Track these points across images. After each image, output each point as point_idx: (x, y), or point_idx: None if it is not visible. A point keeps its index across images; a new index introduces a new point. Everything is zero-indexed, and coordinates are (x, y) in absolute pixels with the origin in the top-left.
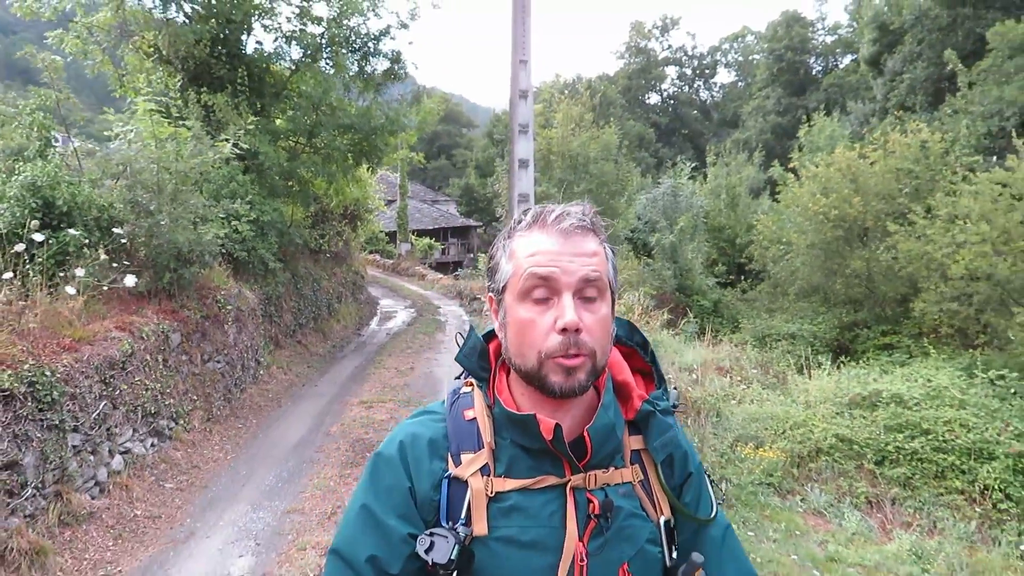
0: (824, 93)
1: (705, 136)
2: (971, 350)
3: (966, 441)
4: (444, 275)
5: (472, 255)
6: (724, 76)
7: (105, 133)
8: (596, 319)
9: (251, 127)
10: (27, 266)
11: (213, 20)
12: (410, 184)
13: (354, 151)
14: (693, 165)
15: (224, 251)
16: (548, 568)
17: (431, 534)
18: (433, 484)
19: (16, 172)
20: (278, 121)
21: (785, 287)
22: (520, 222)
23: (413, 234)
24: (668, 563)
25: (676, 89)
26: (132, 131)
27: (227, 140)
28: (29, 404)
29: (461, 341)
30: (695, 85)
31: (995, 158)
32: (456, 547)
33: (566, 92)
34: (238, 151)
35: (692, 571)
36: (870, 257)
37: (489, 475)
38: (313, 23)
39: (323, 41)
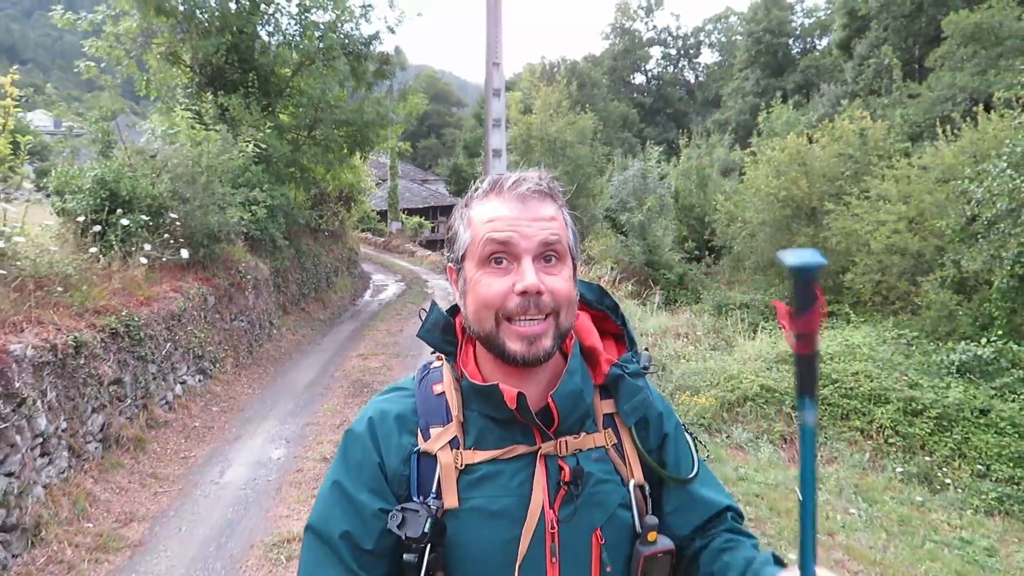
0: (801, 75)
1: (689, 115)
2: (892, 315)
3: (867, 388)
4: (432, 252)
5: None
6: (708, 56)
7: (139, 127)
8: (557, 281)
9: (268, 129)
10: (100, 242)
11: (229, 34)
12: (400, 164)
13: (348, 142)
14: (674, 144)
15: (243, 230)
16: (517, 537)
17: (402, 509)
18: (403, 459)
19: (89, 169)
20: (283, 116)
21: (743, 261)
22: (477, 189)
23: (403, 213)
24: (638, 528)
25: (661, 69)
26: (172, 132)
27: (249, 141)
28: (126, 340)
29: (424, 316)
30: (680, 65)
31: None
32: (428, 521)
33: (545, 79)
34: (257, 149)
35: (646, 533)
36: (814, 234)
37: (458, 448)
38: (311, 30)
39: (320, 46)
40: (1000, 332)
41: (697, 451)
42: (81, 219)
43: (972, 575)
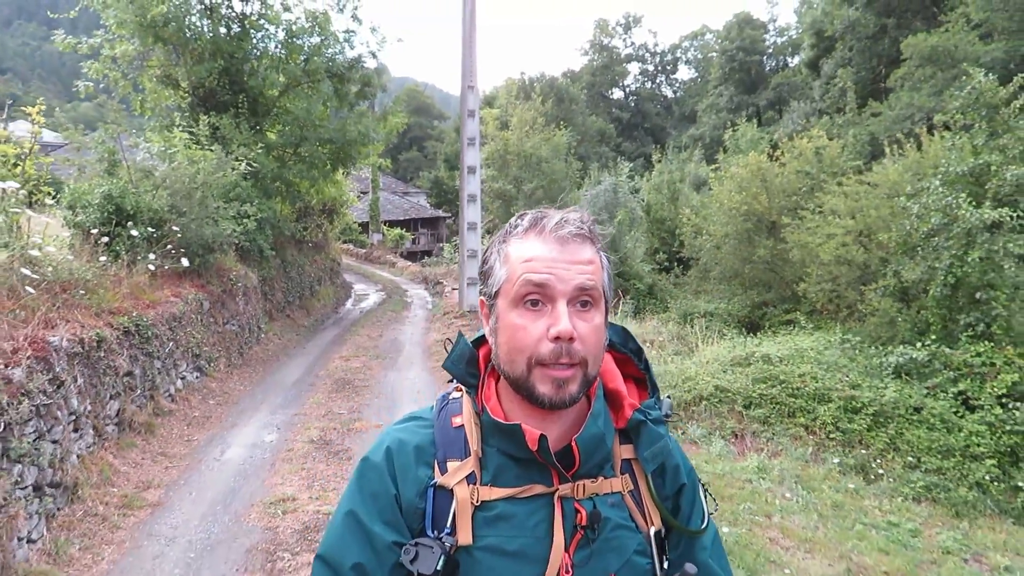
0: (773, 92)
1: (667, 130)
2: (841, 322)
3: (812, 388)
4: (413, 263)
5: (441, 244)
6: (684, 72)
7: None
8: (590, 328)
9: (259, 150)
10: (109, 252)
11: (220, 59)
12: (381, 177)
13: (332, 158)
14: (650, 158)
15: (234, 242)
16: None
17: (416, 544)
18: (419, 492)
19: (97, 185)
20: (270, 134)
21: (709, 272)
22: (516, 226)
23: (385, 225)
24: (658, 574)
25: (639, 85)
26: (170, 152)
27: (242, 160)
28: (136, 338)
29: (450, 346)
30: (657, 81)
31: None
32: (442, 557)
33: (521, 97)
34: (249, 168)
35: None
36: (774, 246)
37: (475, 483)
38: (296, 53)
39: (305, 69)
40: (934, 336)
41: (707, 508)
42: (95, 231)
43: (894, 552)
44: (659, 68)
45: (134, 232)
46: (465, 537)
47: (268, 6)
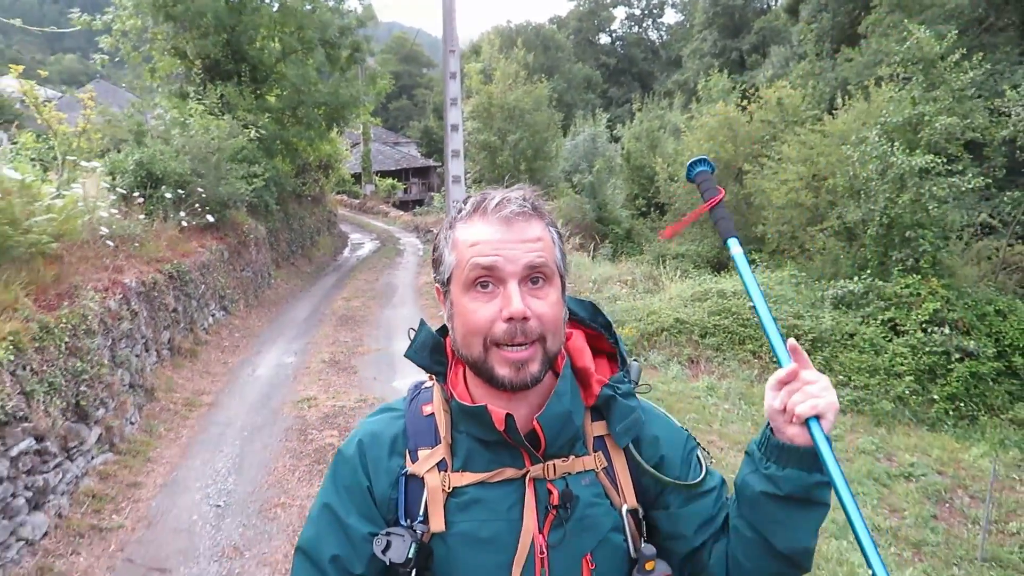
0: (756, 36)
1: (654, 75)
2: (794, 261)
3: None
4: (405, 212)
5: (432, 193)
6: (671, 16)
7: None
8: (545, 304)
9: (264, 117)
10: (141, 211)
11: (224, 32)
12: (372, 128)
13: (326, 119)
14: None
15: (246, 199)
16: (507, 563)
17: (388, 533)
18: (391, 482)
19: (129, 153)
20: (270, 99)
21: (681, 216)
22: (461, 211)
23: (377, 175)
24: (633, 553)
25: (626, 30)
26: (183, 122)
27: (251, 127)
28: (178, 281)
29: (412, 335)
30: (644, 25)
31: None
32: (413, 546)
33: (504, 51)
34: (258, 134)
35: (644, 562)
36: (738, 191)
37: (446, 470)
38: (291, 23)
39: (299, 39)
40: (870, 271)
41: (705, 463)
42: (135, 194)
43: None
44: (645, 12)
45: (168, 194)
46: (438, 524)
47: None
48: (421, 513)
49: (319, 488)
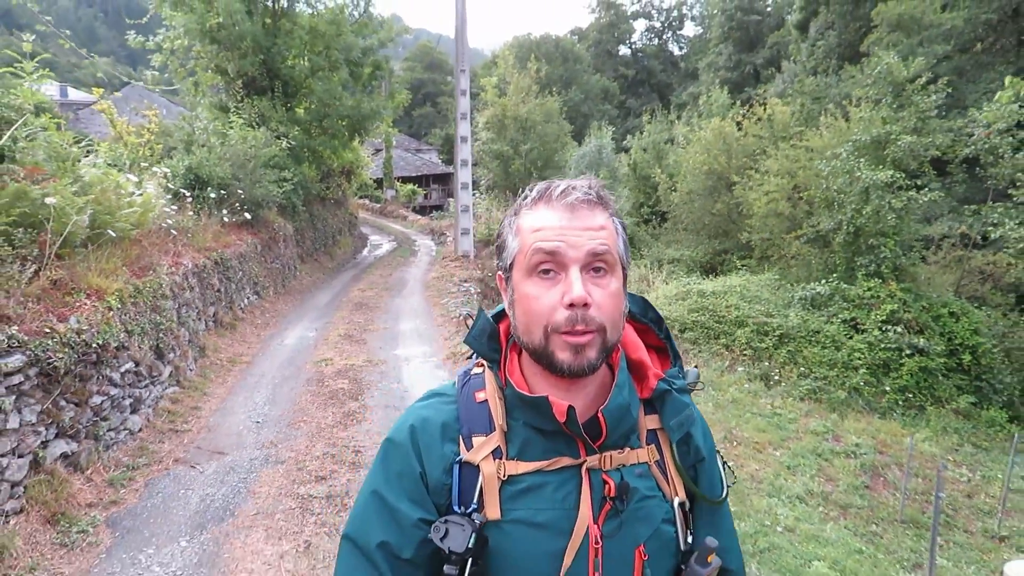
0: (770, 51)
1: (672, 86)
2: (775, 265)
3: (733, 316)
4: (423, 216)
5: (450, 199)
6: (691, 29)
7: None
8: (605, 293)
9: (295, 130)
10: (191, 208)
11: (260, 54)
12: (395, 136)
13: (349, 130)
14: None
15: (276, 200)
16: (561, 550)
17: (446, 521)
18: (444, 468)
19: (180, 160)
20: (299, 111)
21: (678, 224)
22: (526, 198)
23: (398, 181)
24: (683, 545)
25: (645, 42)
26: (224, 132)
27: (283, 138)
28: (221, 267)
29: (470, 323)
30: (664, 37)
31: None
32: (472, 535)
33: (518, 66)
34: (289, 144)
35: (706, 555)
36: (729, 200)
37: (501, 458)
38: (319, 45)
39: (327, 58)
40: (837, 275)
41: (726, 478)
42: (185, 193)
43: (769, 430)
44: (665, 25)
45: (212, 195)
46: (493, 512)
47: (295, 3)
48: (475, 500)
49: (367, 476)
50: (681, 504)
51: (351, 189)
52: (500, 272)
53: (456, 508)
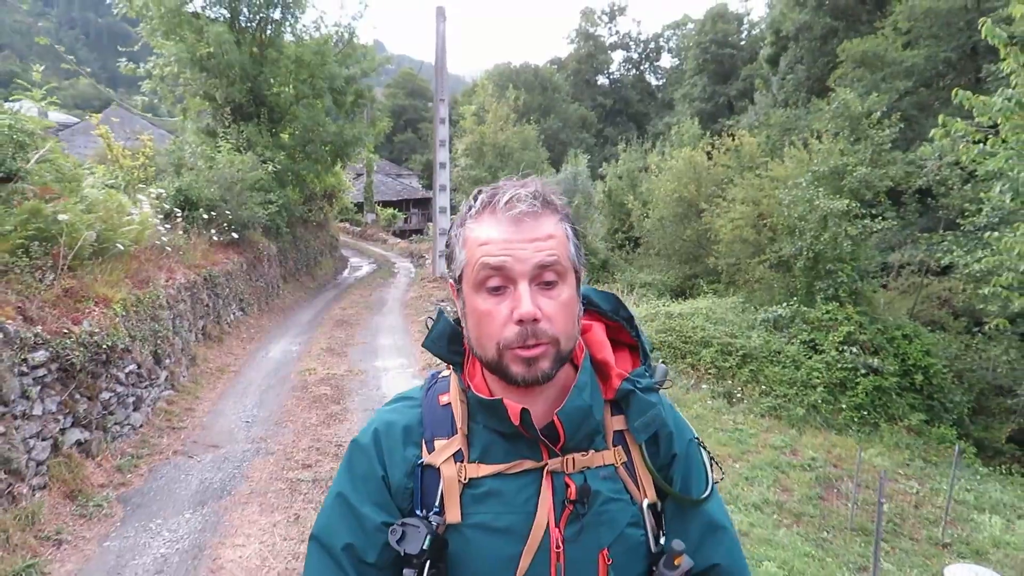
0: (743, 83)
1: (649, 115)
2: (741, 289)
3: (699, 337)
4: (403, 240)
5: (430, 223)
6: (668, 60)
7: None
8: (556, 304)
9: (280, 155)
10: (181, 228)
11: (247, 82)
12: (376, 161)
13: (332, 156)
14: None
15: (261, 222)
16: (520, 554)
17: (403, 524)
18: (407, 472)
19: (171, 182)
20: (284, 136)
21: (650, 249)
22: (471, 208)
23: (379, 205)
24: (653, 547)
25: (623, 72)
26: (211, 156)
27: (268, 163)
28: (210, 283)
29: (430, 325)
30: (642, 68)
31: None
32: (428, 537)
33: (497, 93)
34: (275, 168)
35: (672, 557)
36: (698, 227)
37: (463, 461)
38: (304, 73)
39: (311, 86)
40: (797, 299)
41: (712, 473)
42: (176, 212)
43: (731, 444)
44: (643, 56)
45: (204, 216)
46: (453, 515)
47: (281, 33)
48: (437, 504)
49: (333, 478)
50: (651, 506)
51: (333, 212)
52: (451, 282)
53: (418, 511)
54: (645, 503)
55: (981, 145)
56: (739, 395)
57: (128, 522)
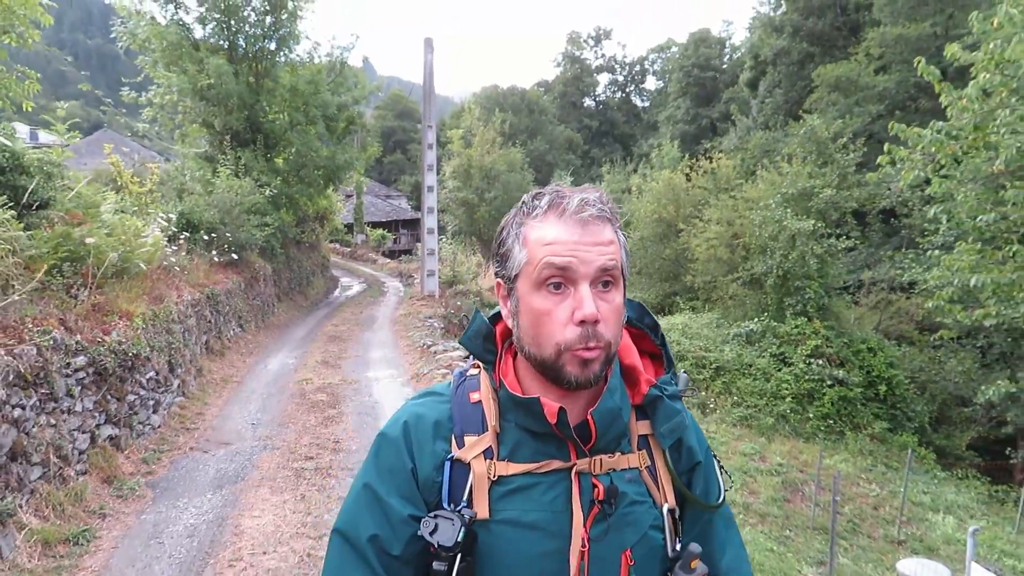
0: (725, 105)
1: (635, 137)
2: (717, 305)
3: (675, 350)
4: (392, 260)
5: (419, 243)
6: (652, 83)
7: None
8: (611, 308)
9: (276, 180)
10: (184, 249)
11: (245, 110)
12: (366, 180)
13: (324, 179)
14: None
15: (258, 243)
16: (551, 552)
17: (435, 516)
18: (436, 465)
19: (174, 206)
20: (278, 161)
21: (632, 268)
22: (534, 208)
23: (368, 226)
24: (671, 551)
25: (609, 95)
26: (213, 180)
27: (265, 187)
28: (212, 300)
29: (467, 322)
30: (627, 90)
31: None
32: (462, 530)
33: (484, 116)
34: (271, 192)
35: (689, 560)
36: (677, 247)
37: (492, 458)
38: (299, 102)
39: (304, 114)
40: (768, 314)
41: (723, 481)
42: (180, 235)
43: None
44: (628, 79)
45: (205, 237)
46: (482, 511)
47: (276, 63)
48: (465, 499)
49: (359, 470)
50: (671, 511)
51: (324, 233)
52: (500, 280)
53: (446, 505)
54: (665, 507)
55: (916, 172)
56: (712, 405)
57: (159, 501)
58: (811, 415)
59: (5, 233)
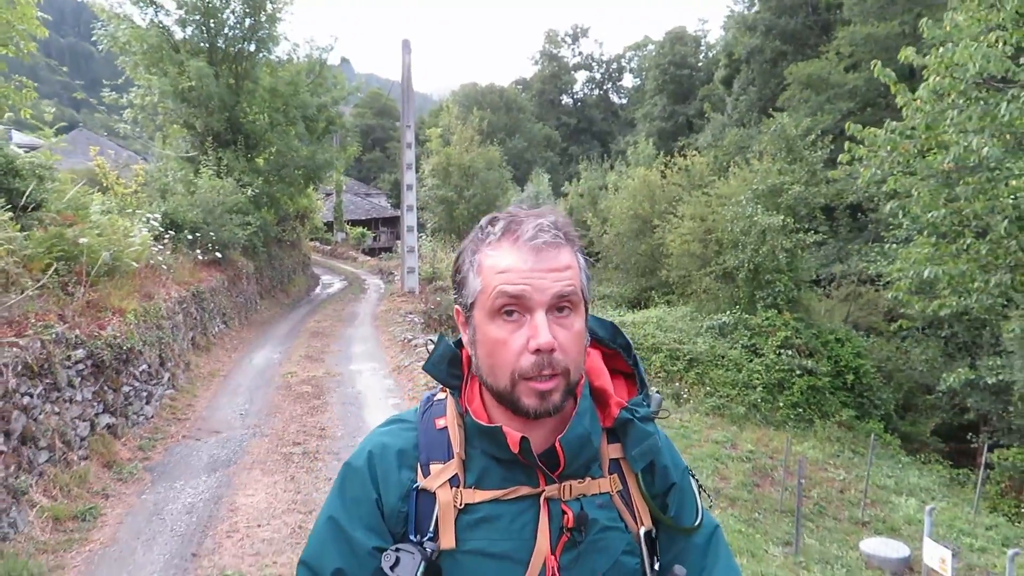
0: (700, 103)
1: (612, 134)
2: (688, 299)
3: (650, 343)
4: (372, 258)
5: (399, 241)
6: (629, 80)
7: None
8: (570, 335)
9: (257, 180)
10: (169, 248)
11: (225, 112)
12: (345, 179)
13: (304, 179)
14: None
15: (240, 242)
16: None
17: (397, 549)
18: (401, 495)
19: (158, 207)
20: (260, 161)
21: (608, 263)
22: (488, 235)
23: (348, 224)
24: (649, 574)
25: (587, 92)
26: (195, 180)
27: (247, 187)
28: (197, 298)
29: (431, 347)
30: (605, 88)
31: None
32: (422, 564)
33: (462, 116)
34: (253, 192)
35: None
36: (652, 242)
37: (459, 486)
38: (278, 103)
39: (284, 114)
40: (739, 307)
41: (701, 501)
42: (165, 234)
43: (675, 440)
44: (606, 76)
45: (189, 236)
46: (448, 541)
47: (256, 65)
48: (431, 529)
49: (325, 500)
50: (647, 533)
51: (304, 232)
52: (459, 308)
53: (412, 536)
54: (642, 531)
55: (874, 170)
56: (686, 396)
57: (157, 483)
58: (781, 404)
59: (3, 234)
